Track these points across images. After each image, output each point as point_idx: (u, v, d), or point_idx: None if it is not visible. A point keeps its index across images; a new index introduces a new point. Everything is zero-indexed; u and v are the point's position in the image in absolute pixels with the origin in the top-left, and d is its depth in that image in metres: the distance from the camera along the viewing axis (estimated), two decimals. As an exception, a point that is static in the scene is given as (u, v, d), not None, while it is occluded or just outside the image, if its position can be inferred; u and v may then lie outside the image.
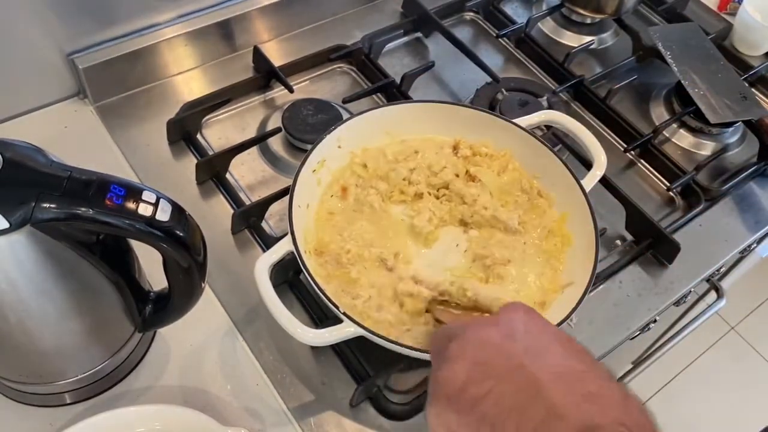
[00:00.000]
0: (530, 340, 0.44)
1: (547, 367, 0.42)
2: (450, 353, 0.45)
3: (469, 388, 0.43)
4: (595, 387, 0.41)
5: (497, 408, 0.41)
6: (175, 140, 0.90)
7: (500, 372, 0.42)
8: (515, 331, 0.45)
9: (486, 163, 0.82)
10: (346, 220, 0.77)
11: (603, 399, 0.40)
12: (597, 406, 0.40)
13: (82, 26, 0.88)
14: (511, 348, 0.43)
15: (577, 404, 0.39)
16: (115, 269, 0.59)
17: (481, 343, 0.44)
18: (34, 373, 0.64)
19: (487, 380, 0.42)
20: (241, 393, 0.71)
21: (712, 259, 0.90)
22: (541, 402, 0.40)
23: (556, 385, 0.40)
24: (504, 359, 0.43)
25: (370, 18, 1.10)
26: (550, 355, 0.43)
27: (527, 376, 0.41)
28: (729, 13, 1.23)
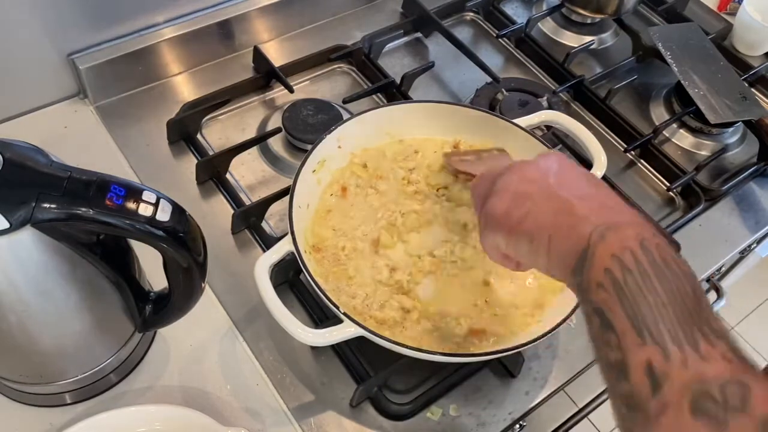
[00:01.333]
0: (562, 176, 0.53)
1: (575, 192, 0.51)
2: (496, 188, 0.55)
3: (512, 212, 0.53)
4: (613, 203, 0.50)
5: (535, 224, 0.51)
6: (175, 140, 0.90)
7: (536, 198, 0.52)
8: (550, 170, 0.53)
9: None
10: (343, 216, 0.77)
11: (620, 210, 0.50)
12: (616, 213, 0.49)
13: (82, 26, 0.88)
14: (546, 181, 0.52)
15: (599, 213, 0.48)
16: (115, 269, 0.59)
17: (521, 178, 0.54)
18: (35, 373, 0.64)
19: (526, 204, 0.52)
20: (241, 393, 0.71)
21: (712, 259, 0.90)
22: (570, 215, 0.49)
23: (581, 202, 0.49)
24: (540, 188, 0.52)
25: (370, 18, 1.10)
26: (578, 186, 0.52)
27: (559, 198, 0.50)
28: (729, 13, 1.23)
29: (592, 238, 0.46)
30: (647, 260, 0.43)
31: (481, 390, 0.74)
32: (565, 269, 0.48)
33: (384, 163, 0.81)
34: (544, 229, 0.50)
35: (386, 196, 0.79)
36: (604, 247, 0.45)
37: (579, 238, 0.47)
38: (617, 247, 0.44)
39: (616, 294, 0.42)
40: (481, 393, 0.74)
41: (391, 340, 0.65)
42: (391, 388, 0.74)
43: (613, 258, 0.44)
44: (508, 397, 0.74)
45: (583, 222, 0.48)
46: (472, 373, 0.75)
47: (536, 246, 0.51)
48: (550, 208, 0.50)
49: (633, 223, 0.47)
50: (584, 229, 0.47)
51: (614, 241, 0.45)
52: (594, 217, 0.48)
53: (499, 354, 0.67)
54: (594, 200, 0.50)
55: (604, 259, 0.44)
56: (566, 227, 0.48)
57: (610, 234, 0.45)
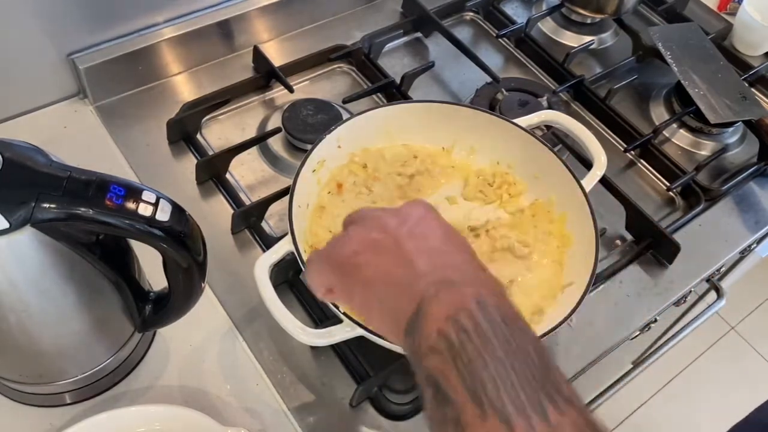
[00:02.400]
0: (418, 226, 0.48)
1: (421, 247, 0.46)
2: (349, 230, 0.51)
3: (356, 257, 0.48)
4: (461, 261, 0.46)
5: (373, 272, 0.47)
6: (175, 140, 0.90)
7: (381, 246, 0.47)
8: (408, 220, 0.49)
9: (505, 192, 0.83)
10: (335, 214, 0.77)
11: (465, 268, 0.46)
12: (458, 270, 0.45)
13: (82, 26, 0.88)
14: (399, 230, 0.48)
15: (437, 269, 0.44)
16: (115, 269, 0.59)
17: (377, 226, 0.49)
18: (35, 373, 0.64)
19: (371, 254, 0.48)
20: (241, 393, 0.71)
21: (712, 259, 0.90)
22: (408, 269, 0.45)
23: (423, 257, 0.45)
24: (389, 237, 0.48)
25: (370, 18, 1.10)
26: (429, 240, 0.47)
27: (402, 250, 0.46)
28: (729, 13, 1.23)
29: (425, 296, 0.41)
30: (487, 321, 0.39)
31: (481, 390, 0.74)
32: (397, 329, 0.43)
33: (382, 166, 0.81)
34: (380, 280, 0.46)
35: (379, 198, 0.80)
36: (439, 306, 0.40)
37: (412, 295, 0.42)
38: (453, 308, 0.40)
39: (452, 360, 0.38)
40: (481, 393, 0.74)
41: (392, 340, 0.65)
42: (391, 388, 0.74)
43: (448, 319, 0.39)
44: (508, 397, 0.74)
45: (420, 278, 0.43)
46: (472, 373, 0.75)
47: (368, 298, 0.47)
48: (391, 259, 0.46)
49: (472, 281, 0.43)
50: (418, 287, 0.42)
51: (450, 301, 0.40)
52: (432, 274, 0.43)
53: (499, 354, 0.67)
54: (440, 256, 0.46)
55: (438, 321, 0.40)
56: (401, 283, 0.44)
57: (445, 292, 0.41)
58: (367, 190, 0.80)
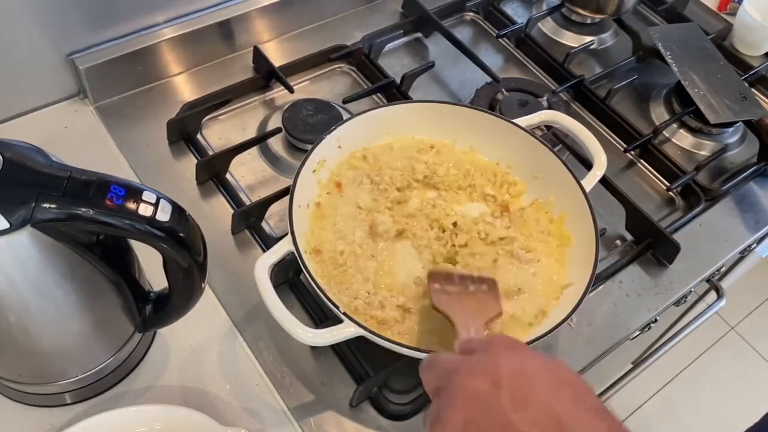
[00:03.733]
0: (516, 385, 0.44)
1: (531, 421, 0.41)
2: (441, 411, 0.46)
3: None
4: (583, 418, 0.41)
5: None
6: (175, 140, 0.90)
7: (490, 426, 0.42)
8: (501, 378, 0.44)
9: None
10: (338, 213, 0.77)
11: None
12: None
13: (82, 26, 0.88)
14: (497, 401, 0.43)
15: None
16: (115, 269, 0.59)
17: (469, 396, 0.44)
18: (35, 373, 0.64)
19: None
20: (241, 393, 0.71)
21: (712, 259, 0.90)
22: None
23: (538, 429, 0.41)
24: (492, 416, 0.43)
25: (370, 18, 1.10)
26: (537, 401, 0.43)
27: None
28: (729, 13, 1.23)
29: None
30: None
31: (481, 390, 0.74)
32: None
33: (387, 157, 0.82)
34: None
35: (381, 188, 0.80)
36: None
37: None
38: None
39: None
40: (481, 393, 0.74)
41: (391, 340, 0.65)
42: (391, 388, 0.74)
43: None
44: (508, 397, 0.74)
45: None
46: (472, 373, 0.75)
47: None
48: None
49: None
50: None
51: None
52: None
53: (499, 354, 0.67)
54: (559, 423, 0.41)
55: None
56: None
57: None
58: (369, 180, 0.80)
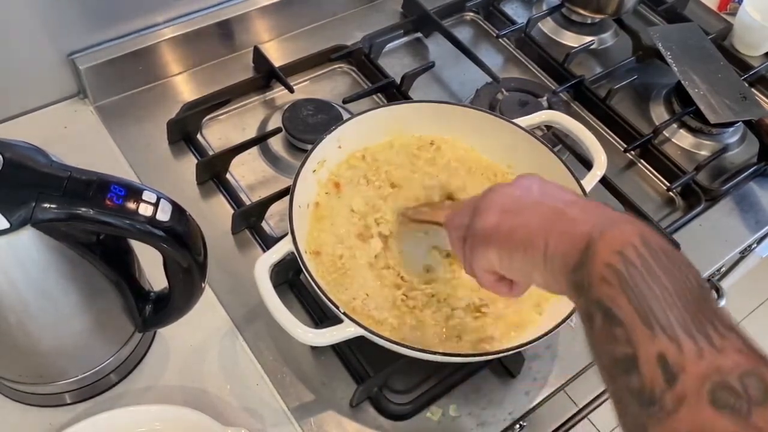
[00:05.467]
0: (545, 189, 0.53)
1: (562, 199, 0.51)
2: (479, 208, 0.54)
3: (502, 225, 0.52)
4: (605, 208, 0.49)
5: (527, 232, 0.50)
6: (175, 140, 0.90)
7: (524, 208, 0.51)
8: (531, 185, 0.54)
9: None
10: (337, 213, 0.77)
11: (612, 211, 0.49)
12: (609, 212, 0.48)
13: (82, 26, 0.88)
14: (529, 194, 0.53)
15: (592, 213, 0.48)
16: (115, 269, 0.59)
17: (503, 195, 0.54)
18: (35, 373, 0.64)
19: (516, 217, 0.51)
20: (241, 393, 0.71)
21: (712, 259, 0.90)
22: (562, 218, 0.48)
23: (571, 206, 0.49)
24: (526, 200, 0.52)
25: (370, 18, 1.10)
26: (563, 195, 0.52)
27: (547, 206, 0.50)
28: (729, 13, 1.23)
29: (591, 235, 0.45)
30: (650, 254, 0.42)
31: (481, 390, 0.74)
32: (563, 271, 0.47)
33: (386, 155, 0.82)
34: (538, 235, 0.49)
35: (376, 187, 0.80)
36: (605, 243, 0.44)
37: (577, 237, 0.46)
38: (618, 243, 0.43)
39: (620, 287, 0.41)
40: (481, 393, 0.74)
41: (391, 340, 0.65)
42: (391, 388, 0.74)
43: (615, 253, 0.43)
44: (508, 397, 0.74)
45: (579, 222, 0.47)
46: (472, 373, 0.75)
47: (531, 255, 0.49)
48: (540, 215, 0.50)
49: (630, 221, 0.46)
50: (581, 228, 0.46)
51: (615, 237, 0.44)
52: (588, 217, 0.47)
53: (499, 354, 0.67)
54: (583, 205, 0.50)
55: (606, 255, 0.43)
56: (561, 230, 0.48)
57: (610, 230, 0.45)
58: (366, 181, 0.80)
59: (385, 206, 0.78)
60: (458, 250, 0.58)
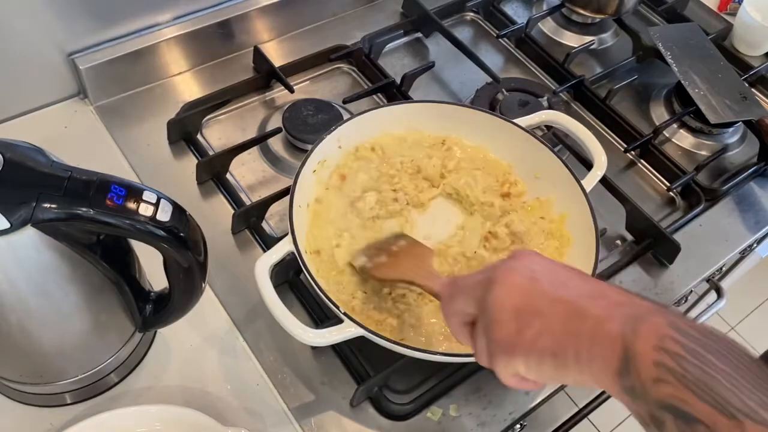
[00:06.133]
0: (552, 276, 0.49)
1: (576, 292, 0.47)
2: (488, 309, 0.49)
3: (523, 332, 0.47)
4: (618, 294, 0.47)
5: (553, 339, 0.46)
6: (175, 140, 0.90)
7: (543, 308, 0.47)
8: (535, 272, 0.49)
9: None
10: (332, 210, 0.78)
11: (630, 300, 0.46)
12: (628, 305, 0.45)
13: (82, 26, 0.88)
14: (541, 286, 0.48)
15: (611, 310, 0.45)
16: (116, 269, 0.59)
17: (512, 291, 0.49)
18: (35, 373, 0.64)
19: (535, 319, 0.47)
20: (241, 393, 0.71)
21: (712, 259, 0.90)
22: (586, 319, 0.45)
23: (590, 301, 0.46)
24: (541, 298, 0.48)
25: (370, 18, 1.10)
26: (574, 283, 0.48)
27: (566, 304, 0.46)
28: (729, 13, 1.23)
29: (624, 334, 0.43)
30: (691, 341, 0.41)
31: (481, 390, 0.74)
32: (604, 375, 0.44)
33: (398, 148, 0.82)
34: (566, 343, 0.46)
35: (387, 176, 0.81)
36: (642, 341, 0.42)
37: (610, 340, 0.43)
38: (655, 337, 0.41)
39: (681, 384, 0.39)
40: (481, 393, 0.74)
41: (391, 340, 0.65)
42: (391, 388, 0.74)
43: (657, 350, 0.41)
44: (508, 397, 0.74)
45: (605, 321, 0.44)
46: (472, 373, 0.75)
47: (562, 362, 0.46)
48: (561, 317, 0.46)
49: (653, 311, 0.44)
50: (611, 328, 0.43)
51: (649, 333, 0.42)
52: (612, 312, 0.45)
53: (499, 354, 0.67)
54: (600, 297, 0.47)
55: (649, 354, 0.41)
56: (590, 333, 0.45)
57: (642, 325, 0.42)
58: (377, 172, 0.81)
59: (399, 175, 0.79)
60: (462, 338, 0.54)
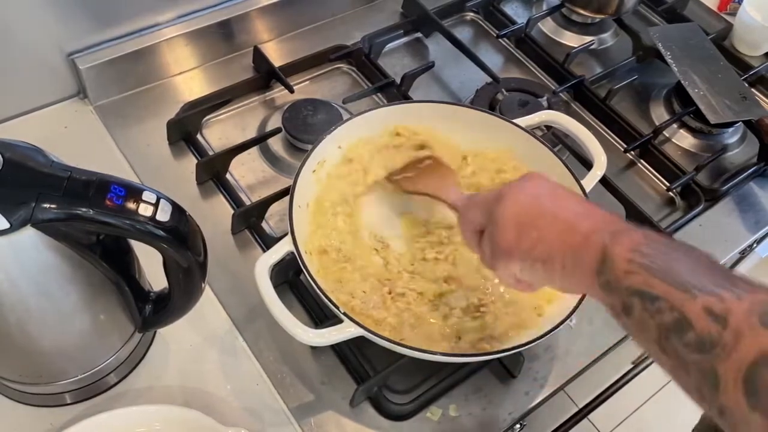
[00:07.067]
0: (554, 197, 0.57)
1: (573, 210, 0.55)
2: (495, 219, 0.57)
3: (521, 241, 0.56)
4: (609, 217, 0.54)
5: (546, 248, 0.54)
6: (175, 140, 0.90)
7: (540, 223, 0.55)
8: (540, 193, 0.57)
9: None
10: (332, 204, 0.78)
11: (618, 220, 0.54)
12: (615, 225, 0.52)
13: (82, 26, 0.88)
14: (542, 204, 0.56)
15: (596, 224, 0.53)
16: (115, 269, 0.59)
17: (517, 206, 0.57)
18: (35, 373, 0.64)
19: (533, 231, 0.55)
20: (241, 393, 0.71)
21: (712, 259, 0.90)
22: (576, 233, 0.52)
23: (583, 219, 0.53)
24: (540, 213, 0.56)
25: (370, 18, 1.10)
26: (572, 204, 0.56)
27: (561, 220, 0.54)
28: (729, 13, 1.23)
29: (605, 243, 0.50)
30: (661, 245, 0.48)
31: (481, 390, 0.74)
32: (586, 277, 0.51)
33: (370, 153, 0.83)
34: (556, 251, 0.54)
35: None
36: (620, 246, 0.49)
37: (593, 247, 0.51)
38: (631, 245, 0.49)
39: (648, 273, 0.46)
40: (481, 393, 0.74)
41: (391, 340, 0.65)
42: (391, 388, 0.74)
43: (631, 251, 0.48)
44: (508, 397, 0.74)
45: (591, 235, 0.51)
46: (472, 373, 0.75)
47: (551, 267, 0.54)
48: (556, 230, 0.54)
49: (633, 228, 0.51)
50: (595, 240, 0.51)
51: (626, 241, 0.49)
52: (598, 226, 0.52)
53: (499, 354, 0.67)
54: (591, 217, 0.54)
55: (624, 254, 0.48)
56: (577, 245, 0.52)
57: (620, 236, 0.50)
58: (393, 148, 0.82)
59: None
60: (472, 245, 0.63)
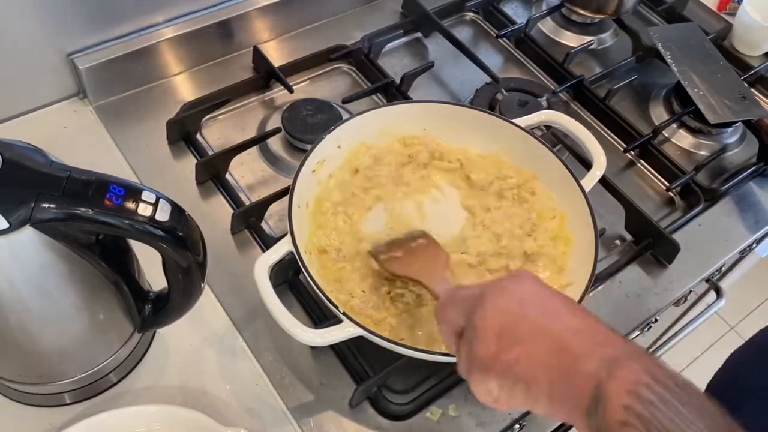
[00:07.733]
0: (542, 305, 0.50)
1: (563, 324, 0.48)
2: (473, 324, 0.50)
3: (501, 355, 0.48)
4: (604, 334, 0.47)
5: (529, 368, 0.47)
6: (174, 140, 0.90)
7: (524, 336, 0.48)
8: (527, 298, 0.50)
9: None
10: (333, 203, 0.78)
11: (614, 341, 0.47)
12: (611, 345, 0.46)
13: (82, 26, 0.88)
14: (527, 314, 0.49)
15: (593, 348, 0.46)
16: (115, 269, 0.59)
17: (501, 312, 0.49)
18: (34, 373, 0.64)
19: (516, 346, 0.48)
20: (241, 393, 0.71)
21: (712, 259, 0.90)
22: (566, 353, 0.46)
23: (574, 336, 0.47)
24: (524, 325, 0.48)
25: (370, 18, 1.10)
26: (562, 316, 0.49)
27: (549, 335, 0.47)
28: (729, 13, 1.23)
29: (599, 376, 0.43)
30: (664, 390, 0.41)
31: (480, 390, 0.74)
32: (574, 411, 0.45)
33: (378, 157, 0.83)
34: (541, 373, 0.47)
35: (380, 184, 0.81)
36: (616, 384, 0.43)
37: (585, 378, 0.44)
38: (629, 382, 0.42)
39: (646, 429, 0.40)
40: (481, 393, 0.74)
41: (390, 340, 0.65)
42: (391, 388, 0.74)
43: (629, 394, 0.42)
44: (508, 397, 0.74)
45: (584, 360, 0.45)
46: (471, 373, 0.75)
47: (534, 392, 0.47)
48: (544, 349, 0.47)
49: (634, 355, 0.45)
50: (587, 366, 0.44)
51: (624, 377, 0.43)
52: (592, 354, 0.45)
53: (498, 354, 0.67)
54: (585, 333, 0.47)
55: (620, 397, 0.42)
56: (566, 369, 0.46)
57: (618, 370, 0.43)
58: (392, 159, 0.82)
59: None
60: (450, 345, 0.55)
